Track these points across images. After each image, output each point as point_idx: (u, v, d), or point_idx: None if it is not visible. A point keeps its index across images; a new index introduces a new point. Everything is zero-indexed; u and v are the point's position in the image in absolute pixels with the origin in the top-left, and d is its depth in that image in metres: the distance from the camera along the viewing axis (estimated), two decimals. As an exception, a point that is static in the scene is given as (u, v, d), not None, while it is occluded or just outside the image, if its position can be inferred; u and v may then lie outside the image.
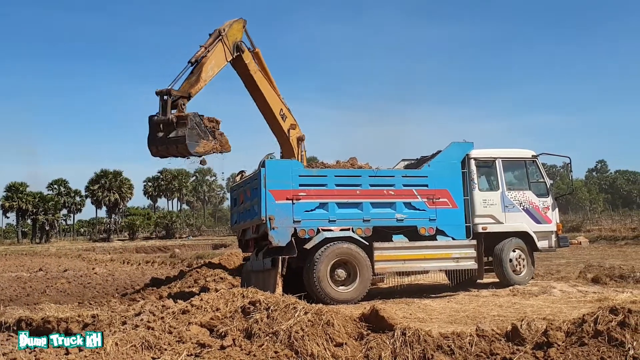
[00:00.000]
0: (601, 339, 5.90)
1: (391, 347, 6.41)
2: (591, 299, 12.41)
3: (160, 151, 14.27)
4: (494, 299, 13.07)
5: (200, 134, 13.91)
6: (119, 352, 6.32)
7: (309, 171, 14.04)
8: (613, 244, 35.89)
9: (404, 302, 13.02)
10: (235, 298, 7.94)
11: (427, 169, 14.73)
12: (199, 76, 14.42)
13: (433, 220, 14.41)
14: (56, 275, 24.55)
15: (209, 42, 14.76)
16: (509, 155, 15.84)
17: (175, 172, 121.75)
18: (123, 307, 11.58)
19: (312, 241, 13.45)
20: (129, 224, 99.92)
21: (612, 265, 18.35)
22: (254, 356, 6.32)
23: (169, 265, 30.72)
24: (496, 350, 6.28)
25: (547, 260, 23.08)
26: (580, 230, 49.95)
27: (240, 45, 15.30)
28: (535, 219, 15.48)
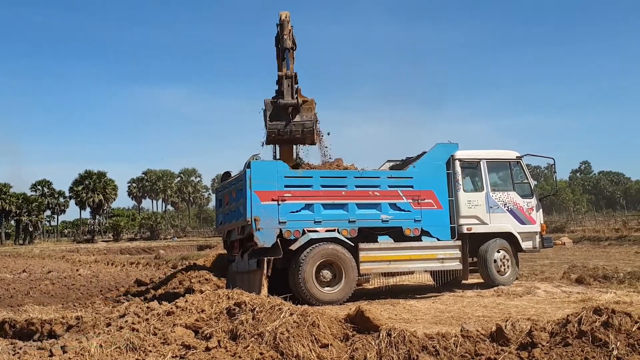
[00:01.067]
0: (585, 339, 5.93)
1: (376, 348, 6.41)
2: (575, 300, 12.49)
3: (281, 135, 15.00)
4: (479, 300, 13.12)
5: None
6: (103, 353, 6.28)
7: (295, 172, 14.03)
8: (597, 245, 36.10)
9: (389, 303, 13.05)
10: (220, 299, 7.91)
11: (412, 170, 14.77)
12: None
13: (418, 221, 14.45)
14: (40, 277, 24.38)
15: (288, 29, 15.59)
16: (494, 156, 15.91)
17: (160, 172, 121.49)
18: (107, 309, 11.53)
19: (297, 242, 13.45)
20: (113, 225, 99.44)
21: (596, 265, 18.45)
22: (239, 357, 6.30)
23: (153, 266, 30.61)
24: (481, 351, 6.30)
25: (531, 260, 23.19)
26: (564, 230, 50.23)
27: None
28: (520, 220, 15.56)
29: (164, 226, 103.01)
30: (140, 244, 76.06)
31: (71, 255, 48.06)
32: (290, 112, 14.86)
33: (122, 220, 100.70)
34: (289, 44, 15.18)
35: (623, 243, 35.05)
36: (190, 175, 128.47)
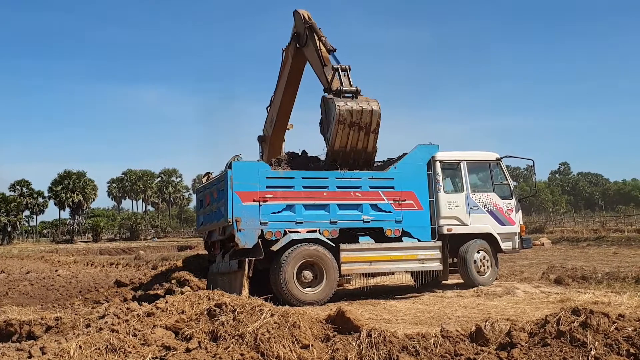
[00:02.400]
0: (564, 339, 5.97)
1: (357, 349, 6.42)
2: (554, 300, 12.59)
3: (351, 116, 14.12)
4: (459, 300, 13.20)
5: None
6: (83, 355, 6.24)
7: (276, 173, 14.03)
8: (575, 245, 36.45)
9: (370, 303, 13.10)
10: (200, 300, 7.89)
11: (393, 171, 14.82)
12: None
13: (399, 221, 14.50)
14: (18, 278, 24.08)
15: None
16: (474, 157, 16.01)
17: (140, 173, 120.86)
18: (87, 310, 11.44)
19: (278, 243, 13.45)
20: (93, 226, 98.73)
21: (575, 266, 18.63)
22: (220, 358, 6.28)
23: (133, 267, 30.40)
24: (460, 351, 6.33)
25: (510, 261, 23.36)
26: (543, 231, 50.56)
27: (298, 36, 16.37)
28: (499, 221, 15.67)
29: (144, 227, 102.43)
30: (120, 244, 75.55)
31: (50, 255, 47.62)
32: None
33: (102, 221, 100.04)
34: (331, 46, 15.14)
35: (601, 244, 35.42)
36: (171, 175, 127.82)
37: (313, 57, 15.37)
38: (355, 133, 14.07)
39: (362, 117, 13.99)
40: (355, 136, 14.10)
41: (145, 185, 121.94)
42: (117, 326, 7.14)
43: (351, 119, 13.92)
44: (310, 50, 15.48)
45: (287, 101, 17.25)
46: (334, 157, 14.22)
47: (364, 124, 14.05)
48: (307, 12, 15.87)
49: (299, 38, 16.16)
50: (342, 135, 14.02)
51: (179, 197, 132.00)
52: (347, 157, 14.28)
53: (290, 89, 17.13)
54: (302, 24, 15.89)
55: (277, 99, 17.73)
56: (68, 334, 7.77)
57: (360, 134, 14.12)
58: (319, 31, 15.34)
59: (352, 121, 13.97)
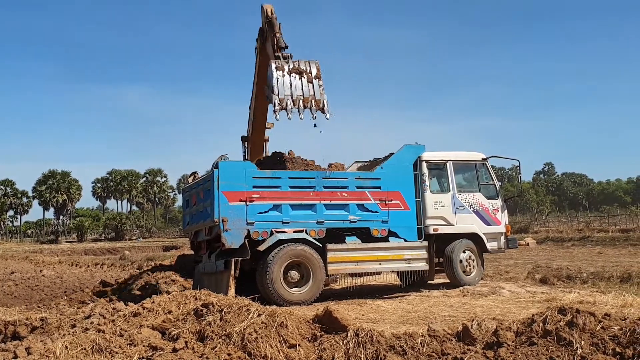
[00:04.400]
0: (550, 338, 6.02)
1: (344, 348, 6.44)
2: (539, 299, 12.66)
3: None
4: (445, 300, 13.24)
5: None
6: (69, 355, 6.21)
7: (263, 173, 13.99)
8: (560, 245, 36.70)
9: (356, 303, 13.11)
10: (187, 300, 7.87)
11: (379, 171, 14.84)
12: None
13: (385, 222, 14.52)
14: (2, 278, 23.92)
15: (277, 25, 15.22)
16: (460, 158, 16.05)
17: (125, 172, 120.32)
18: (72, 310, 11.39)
19: (265, 243, 13.43)
20: (78, 226, 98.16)
21: (560, 266, 18.76)
22: (207, 359, 6.27)
23: (118, 267, 30.29)
24: (447, 350, 6.36)
25: (495, 261, 23.46)
26: (528, 231, 50.87)
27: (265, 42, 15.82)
28: (485, 221, 15.73)
29: (129, 227, 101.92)
30: (105, 244, 75.08)
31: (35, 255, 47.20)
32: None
33: (87, 221, 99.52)
34: (283, 43, 14.68)
35: (586, 244, 35.69)
36: (156, 175, 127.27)
37: (269, 53, 15.19)
38: (297, 80, 13.90)
39: (299, 65, 13.99)
40: (297, 83, 13.90)
41: (130, 185, 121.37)
42: (103, 326, 7.11)
43: (289, 67, 13.90)
44: (268, 46, 15.32)
45: (262, 99, 16.88)
46: (283, 108, 13.76)
47: (303, 71, 13.98)
48: (270, 7, 15.46)
49: (262, 33, 16.04)
50: (284, 82, 13.81)
51: (164, 197, 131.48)
52: (297, 106, 13.87)
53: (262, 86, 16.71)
54: (264, 19, 15.67)
55: (253, 98, 17.62)
56: (54, 335, 7.72)
57: (302, 80, 13.94)
58: (275, 26, 15.00)
59: (290, 69, 13.90)
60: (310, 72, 13.99)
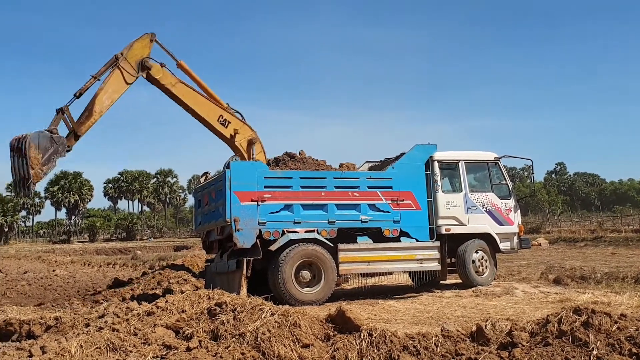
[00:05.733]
0: (565, 339, 5.97)
1: (358, 348, 6.42)
2: (553, 300, 12.60)
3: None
4: (458, 300, 13.19)
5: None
6: (84, 354, 6.23)
7: (274, 173, 14.02)
8: (572, 245, 36.51)
9: (368, 303, 13.09)
10: (201, 300, 7.88)
11: (391, 170, 14.82)
12: (91, 110, 13.98)
13: (397, 221, 14.50)
14: (16, 277, 24.07)
15: (101, 70, 14.23)
16: (472, 157, 16.00)
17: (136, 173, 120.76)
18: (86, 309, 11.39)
19: (277, 243, 13.44)
20: (89, 226, 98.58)
21: (573, 266, 18.64)
22: (221, 358, 6.27)
23: (130, 267, 30.39)
24: (461, 351, 6.32)
25: (508, 261, 23.37)
26: (540, 231, 50.61)
27: (146, 62, 14.49)
28: (498, 221, 15.66)
29: (140, 227, 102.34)
30: (117, 244, 75.42)
31: (47, 255, 47.49)
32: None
33: (98, 221, 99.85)
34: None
35: (599, 244, 35.48)
36: (167, 176, 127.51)
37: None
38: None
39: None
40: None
41: (141, 185, 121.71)
42: (117, 325, 7.14)
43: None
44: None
45: (192, 115, 15.61)
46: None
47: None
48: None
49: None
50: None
51: (175, 198, 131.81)
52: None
53: (180, 105, 15.48)
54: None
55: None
56: (68, 334, 7.76)
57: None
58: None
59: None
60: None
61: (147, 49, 14.64)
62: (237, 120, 15.17)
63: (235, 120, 15.12)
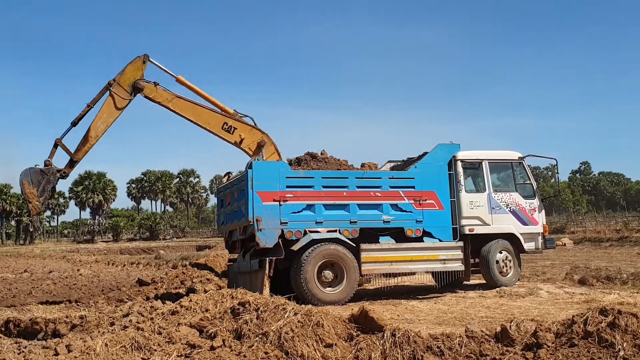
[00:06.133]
0: (591, 340, 5.92)
1: (381, 348, 6.41)
2: (578, 301, 12.48)
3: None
4: (481, 301, 13.11)
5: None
6: (109, 352, 6.28)
7: (296, 173, 14.03)
8: (598, 246, 36.12)
9: (391, 304, 13.05)
10: (224, 299, 7.92)
11: (413, 170, 14.76)
12: (87, 136, 14.55)
13: (420, 221, 14.44)
14: (41, 277, 24.37)
15: (95, 97, 14.61)
16: (496, 157, 15.88)
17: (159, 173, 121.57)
18: (111, 308, 11.50)
19: (299, 242, 13.45)
20: (113, 226, 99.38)
21: (598, 266, 18.44)
22: (244, 357, 6.29)
23: (154, 266, 30.58)
24: (486, 352, 6.29)
25: (532, 261, 23.18)
26: (565, 231, 50.14)
27: (138, 84, 14.69)
28: (522, 221, 15.53)
29: (163, 226, 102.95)
30: (140, 244, 75.99)
31: (72, 255, 47.97)
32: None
33: (122, 221, 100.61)
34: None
35: (624, 244, 35.05)
36: (189, 176, 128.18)
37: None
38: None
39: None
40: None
41: (164, 185, 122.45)
42: (142, 324, 7.19)
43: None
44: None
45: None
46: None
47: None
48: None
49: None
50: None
51: (197, 198, 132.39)
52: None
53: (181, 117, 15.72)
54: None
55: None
56: (93, 332, 7.82)
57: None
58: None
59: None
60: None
61: (139, 71, 14.86)
62: (243, 125, 15.10)
63: (241, 125, 15.06)
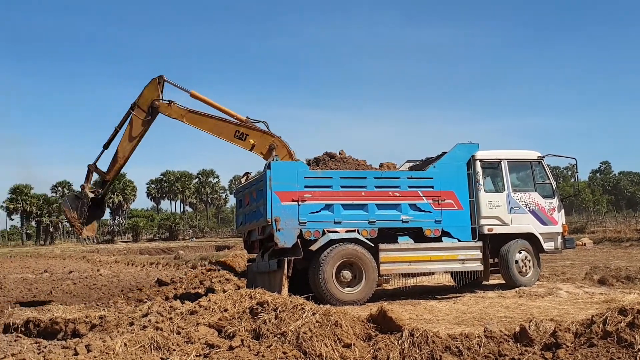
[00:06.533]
0: (610, 339, 5.88)
1: (399, 348, 6.40)
2: (598, 300, 12.39)
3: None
4: (500, 301, 13.06)
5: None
6: (128, 352, 6.32)
7: (315, 173, 14.04)
8: (618, 246, 35.80)
9: (409, 304, 13.03)
10: (243, 299, 7.95)
11: (432, 170, 14.71)
12: (115, 157, 15.89)
13: (438, 221, 14.39)
14: (61, 277, 24.59)
15: (121, 121, 15.86)
16: (515, 156, 15.81)
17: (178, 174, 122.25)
18: (130, 308, 11.58)
19: (317, 242, 13.46)
20: (133, 226, 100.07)
21: (618, 266, 18.30)
22: (263, 357, 6.31)
23: (173, 266, 30.73)
24: (504, 352, 6.27)
25: (551, 261, 23.02)
26: (584, 231, 49.78)
27: (154, 104, 15.60)
28: (541, 221, 15.45)
29: (183, 227, 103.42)
30: (160, 244, 76.36)
31: (91, 255, 48.31)
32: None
33: (141, 221, 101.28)
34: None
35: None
36: (208, 176, 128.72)
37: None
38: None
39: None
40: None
41: (183, 186, 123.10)
42: (161, 324, 7.23)
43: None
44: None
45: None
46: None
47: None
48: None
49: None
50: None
51: (216, 198, 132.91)
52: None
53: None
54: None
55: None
56: (112, 332, 7.89)
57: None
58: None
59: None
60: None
61: (156, 92, 15.74)
62: (254, 131, 15.37)
63: (252, 132, 15.35)
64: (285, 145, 15.11)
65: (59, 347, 7.49)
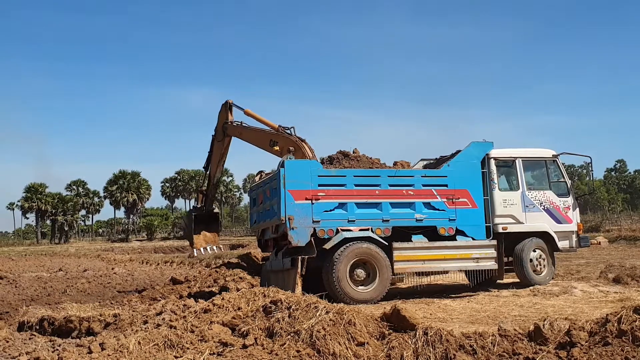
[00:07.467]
0: (625, 338, 5.85)
1: (413, 347, 6.40)
2: (613, 299, 12.31)
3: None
4: (515, 299, 13.00)
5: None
6: (142, 350, 6.35)
7: (328, 171, 14.03)
8: (633, 244, 35.51)
9: (423, 302, 13.01)
10: (256, 297, 7.96)
11: (446, 168, 14.66)
12: (209, 176, 19.39)
13: (453, 220, 14.35)
14: (76, 275, 24.71)
15: (210, 147, 18.66)
16: (529, 155, 15.73)
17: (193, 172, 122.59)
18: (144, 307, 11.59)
19: (331, 241, 13.46)
20: (147, 225, 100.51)
21: (633, 265, 18.14)
22: (276, 355, 6.32)
23: (187, 265, 30.83)
24: (519, 350, 6.25)
25: (566, 260, 22.89)
26: (599, 230, 49.41)
27: (224, 127, 17.71)
28: (556, 219, 15.36)
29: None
30: (174, 243, 76.64)
31: (106, 254, 48.54)
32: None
33: (156, 220, 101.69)
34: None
35: (661, 243, 34.44)
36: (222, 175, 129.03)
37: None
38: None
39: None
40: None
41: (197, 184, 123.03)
42: (174, 322, 7.25)
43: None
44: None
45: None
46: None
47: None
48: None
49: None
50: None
51: (231, 197, 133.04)
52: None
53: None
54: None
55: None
56: (126, 330, 7.91)
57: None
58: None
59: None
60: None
61: (225, 115, 17.83)
62: (282, 137, 15.85)
63: (281, 138, 15.87)
64: (302, 147, 15.12)
65: (73, 346, 7.53)
